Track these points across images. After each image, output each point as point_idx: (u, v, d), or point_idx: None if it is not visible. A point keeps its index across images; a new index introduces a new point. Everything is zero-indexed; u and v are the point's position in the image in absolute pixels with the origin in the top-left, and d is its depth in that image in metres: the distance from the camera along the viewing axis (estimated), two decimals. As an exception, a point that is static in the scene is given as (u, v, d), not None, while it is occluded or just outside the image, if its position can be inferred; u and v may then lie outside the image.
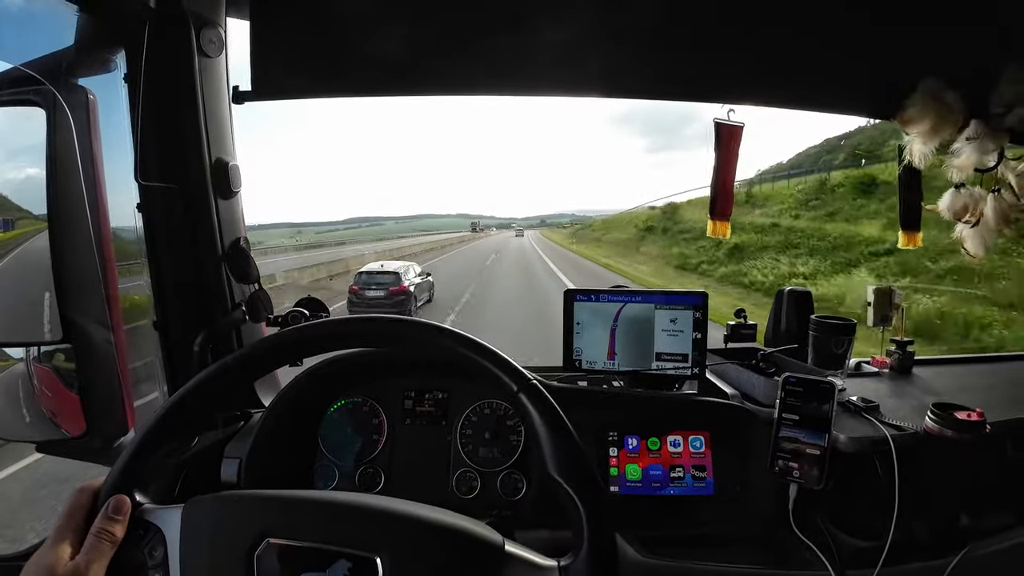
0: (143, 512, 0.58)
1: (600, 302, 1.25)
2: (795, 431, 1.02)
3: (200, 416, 0.73)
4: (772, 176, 32.54)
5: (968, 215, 1.25)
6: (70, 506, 0.57)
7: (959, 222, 1.28)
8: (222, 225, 1.15)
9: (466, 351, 0.65)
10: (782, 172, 34.87)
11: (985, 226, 1.25)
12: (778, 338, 1.47)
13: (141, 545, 0.56)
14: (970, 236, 1.27)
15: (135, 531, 0.57)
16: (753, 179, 33.09)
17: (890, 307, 1.44)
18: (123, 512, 0.56)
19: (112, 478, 0.59)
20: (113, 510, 0.56)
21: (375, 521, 0.56)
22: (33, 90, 0.89)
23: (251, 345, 0.71)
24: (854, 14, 1.15)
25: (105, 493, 0.58)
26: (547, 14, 1.16)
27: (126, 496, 0.57)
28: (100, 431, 0.98)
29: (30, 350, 1.02)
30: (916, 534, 1.00)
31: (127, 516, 0.56)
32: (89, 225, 0.93)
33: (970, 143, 1.19)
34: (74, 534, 0.55)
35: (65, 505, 0.57)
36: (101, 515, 0.56)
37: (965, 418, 1.00)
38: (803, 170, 29.41)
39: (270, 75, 1.16)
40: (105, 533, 0.55)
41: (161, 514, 0.58)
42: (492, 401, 1.17)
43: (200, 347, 1.14)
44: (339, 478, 1.14)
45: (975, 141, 1.18)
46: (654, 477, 1.11)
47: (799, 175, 26.83)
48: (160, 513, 0.58)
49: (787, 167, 38.84)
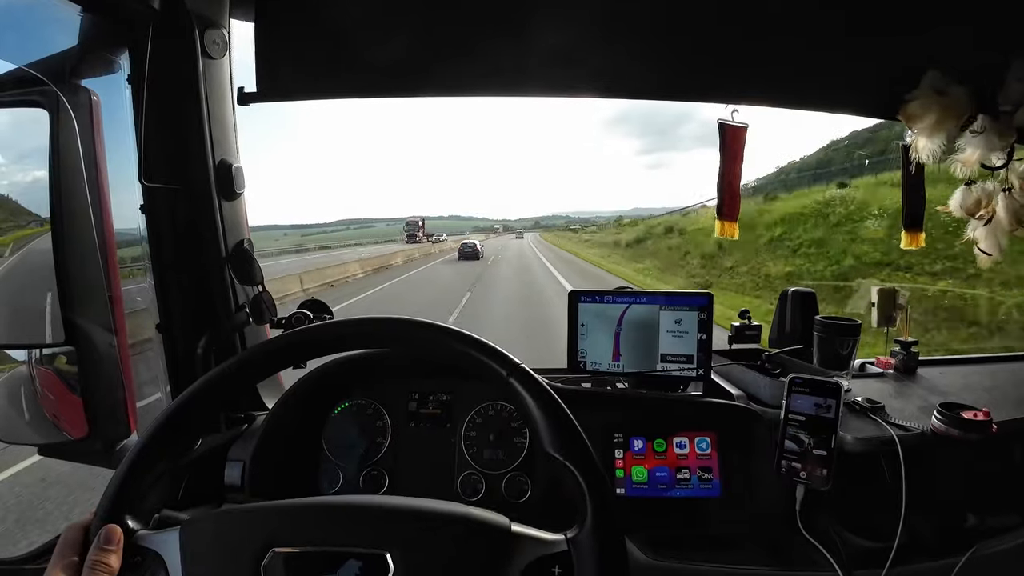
0: (138, 538, 0.57)
1: (604, 303, 1.25)
2: (801, 432, 1.02)
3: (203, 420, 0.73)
4: (796, 173, 28.96)
5: (981, 210, 1.24)
6: (61, 544, 0.56)
7: (972, 218, 1.27)
8: (226, 226, 1.14)
9: (456, 344, 0.66)
10: (807, 170, 31.30)
11: (998, 226, 1.24)
12: (783, 339, 1.47)
13: (140, 572, 0.56)
14: (983, 235, 1.27)
15: (132, 558, 0.56)
16: (770, 181, 29.12)
17: (894, 307, 1.44)
18: (115, 541, 0.55)
19: (102, 508, 0.58)
20: (105, 540, 0.55)
21: (380, 519, 0.56)
22: (37, 91, 0.89)
23: (251, 349, 0.70)
24: (858, 12, 1.15)
25: (96, 524, 0.56)
26: (551, 16, 1.17)
27: (116, 525, 0.56)
28: (102, 434, 0.98)
29: (32, 352, 1.02)
30: (923, 534, 1.00)
31: (120, 544, 0.55)
32: (92, 226, 0.93)
33: (975, 137, 1.18)
34: (69, 570, 0.54)
35: (58, 544, 0.56)
36: (93, 547, 0.54)
37: (971, 418, 1.00)
38: (833, 169, 24.31)
39: (275, 76, 1.16)
40: (100, 565, 0.53)
41: (156, 538, 0.57)
42: (496, 403, 1.17)
43: (203, 349, 1.13)
44: (343, 481, 1.13)
45: (980, 135, 1.17)
46: (660, 479, 1.11)
47: (826, 177, 22.06)
48: (155, 537, 0.57)
49: (813, 165, 35.52)
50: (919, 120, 1.18)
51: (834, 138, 38.25)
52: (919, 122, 1.18)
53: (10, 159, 1.06)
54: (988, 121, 1.16)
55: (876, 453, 1.01)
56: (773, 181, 31.97)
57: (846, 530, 1.03)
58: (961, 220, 1.33)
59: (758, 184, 31.01)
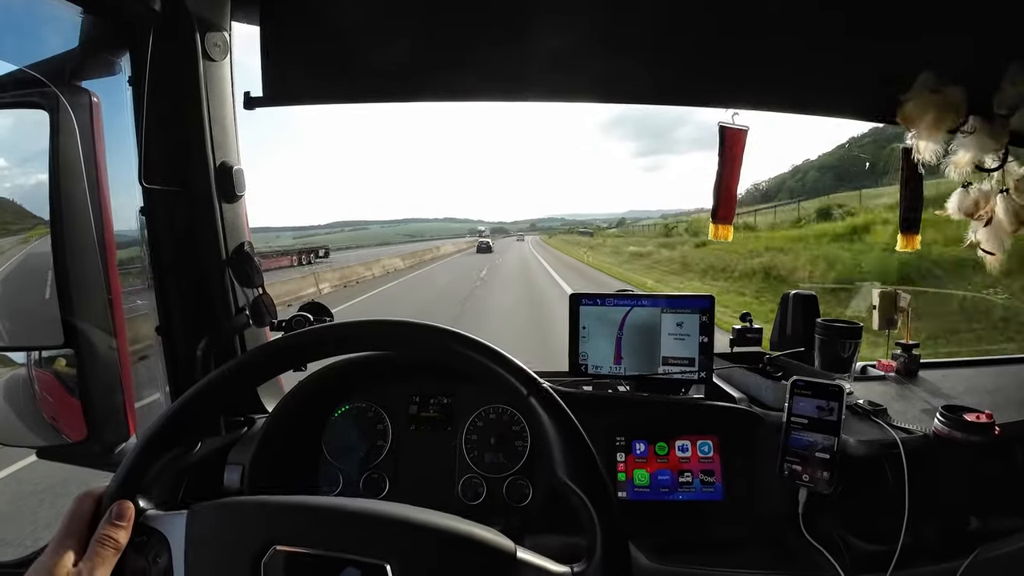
0: (146, 518, 0.57)
1: (606, 306, 1.24)
2: (804, 435, 1.02)
3: (203, 422, 0.72)
4: (817, 172, 27.19)
5: (980, 212, 1.24)
6: (71, 513, 0.56)
7: (972, 220, 1.27)
8: (226, 229, 1.14)
9: (475, 355, 0.64)
10: (828, 168, 29.81)
11: (1000, 226, 1.24)
12: (784, 342, 1.47)
13: (144, 551, 0.55)
14: (985, 235, 1.27)
15: (138, 537, 0.56)
16: (784, 180, 27.57)
17: (895, 310, 1.44)
18: (127, 518, 0.55)
19: (115, 483, 0.58)
20: (116, 516, 0.55)
21: (384, 527, 0.55)
22: (37, 92, 0.88)
23: (251, 351, 0.70)
24: (855, 17, 1.15)
25: (108, 499, 0.56)
26: (551, 21, 1.17)
27: (129, 502, 0.56)
28: (101, 437, 0.98)
29: (31, 354, 1.01)
30: (926, 537, 1.00)
31: (131, 522, 0.55)
32: (92, 228, 0.93)
33: (968, 138, 1.19)
34: (76, 541, 0.54)
35: (66, 512, 0.56)
36: (104, 521, 0.55)
37: (974, 420, 1.00)
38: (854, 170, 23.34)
39: (281, 81, 1.16)
40: (108, 539, 0.54)
41: (165, 520, 0.57)
42: (497, 406, 1.16)
43: (203, 352, 1.13)
44: (343, 484, 1.13)
45: (973, 136, 1.18)
46: (662, 482, 1.10)
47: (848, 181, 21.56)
48: (164, 519, 0.57)
49: (834, 164, 32.80)
50: (917, 121, 1.18)
51: (854, 135, 35.02)
52: (917, 123, 1.18)
53: (13, 162, 1.06)
54: (980, 122, 1.17)
55: (879, 456, 1.00)
56: (788, 180, 30.78)
57: (849, 533, 1.02)
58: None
59: (771, 184, 29.74)
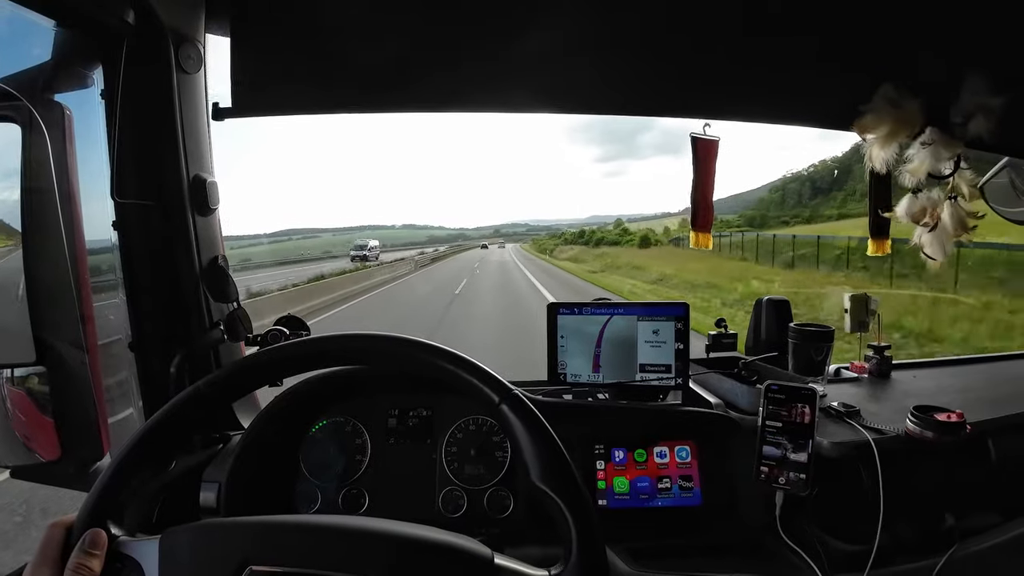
0: (119, 545, 0.56)
1: (583, 315, 1.25)
2: (779, 438, 1.03)
3: (176, 442, 0.71)
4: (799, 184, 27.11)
5: (926, 218, 1.28)
6: (44, 541, 0.55)
7: (917, 225, 1.31)
8: (200, 243, 1.13)
9: (446, 364, 0.64)
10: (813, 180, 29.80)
11: (944, 232, 1.28)
12: (758, 346, 1.49)
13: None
14: (929, 241, 1.31)
15: (112, 564, 0.55)
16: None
17: (866, 313, 1.47)
18: (100, 546, 0.54)
19: (85, 511, 0.57)
20: (90, 544, 0.54)
21: (360, 542, 0.55)
22: (9, 106, 0.87)
23: (225, 368, 0.69)
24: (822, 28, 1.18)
25: (79, 526, 0.56)
26: (524, 33, 1.18)
27: (101, 530, 0.55)
28: (75, 456, 0.95)
29: (3, 372, 0.99)
30: (903, 536, 1.01)
31: (104, 550, 0.54)
32: (64, 243, 0.91)
33: (924, 148, 1.22)
34: (50, 570, 0.53)
35: (40, 541, 0.55)
36: (77, 550, 0.54)
37: (945, 419, 1.02)
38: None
39: (250, 92, 1.16)
40: (82, 568, 0.53)
41: (138, 546, 0.56)
42: (477, 417, 1.16)
43: (177, 368, 1.11)
44: (321, 501, 1.11)
45: (929, 147, 1.21)
46: (642, 489, 1.11)
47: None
48: (136, 545, 0.56)
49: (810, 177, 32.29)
50: (872, 131, 1.21)
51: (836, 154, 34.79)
52: (872, 133, 1.22)
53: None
54: (937, 133, 1.20)
55: (853, 457, 1.02)
56: (765, 198, 30.95)
57: (827, 534, 1.03)
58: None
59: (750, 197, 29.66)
